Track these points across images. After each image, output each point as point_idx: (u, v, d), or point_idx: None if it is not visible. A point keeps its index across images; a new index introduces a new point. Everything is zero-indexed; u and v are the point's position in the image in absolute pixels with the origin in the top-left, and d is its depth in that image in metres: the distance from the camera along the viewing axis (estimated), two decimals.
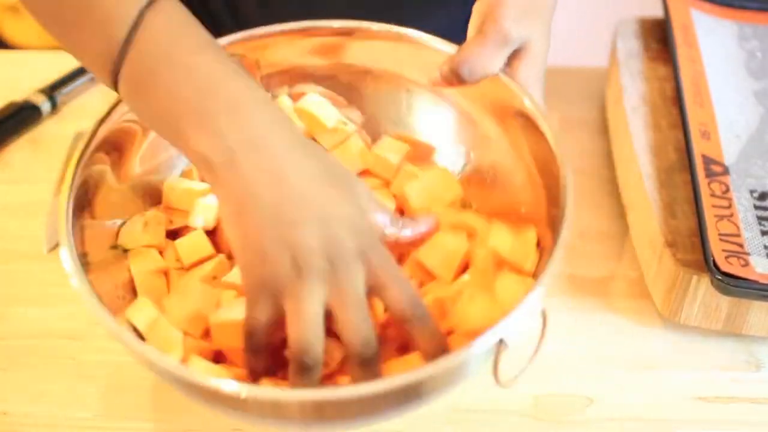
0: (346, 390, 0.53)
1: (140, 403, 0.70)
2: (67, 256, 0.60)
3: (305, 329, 0.55)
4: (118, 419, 0.69)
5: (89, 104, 0.95)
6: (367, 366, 0.57)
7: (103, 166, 0.68)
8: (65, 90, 0.94)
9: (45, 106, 0.92)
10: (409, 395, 0.55)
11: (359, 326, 0.56)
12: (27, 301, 0.76)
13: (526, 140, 0.69)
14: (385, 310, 0.61)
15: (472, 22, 0.70)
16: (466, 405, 0.70)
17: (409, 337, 0.59)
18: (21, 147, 0.90)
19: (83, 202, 0.65)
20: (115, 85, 0.60)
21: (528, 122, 0.67)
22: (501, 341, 0.55)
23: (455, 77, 0.67)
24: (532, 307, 0.57)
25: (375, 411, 0.56)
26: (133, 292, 0.67)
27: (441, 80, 0.68)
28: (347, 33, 0.75)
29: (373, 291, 0.57)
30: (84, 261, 0.62)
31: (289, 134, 0.58)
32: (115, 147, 0.69)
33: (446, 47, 0.71)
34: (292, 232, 0.55)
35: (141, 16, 0.58)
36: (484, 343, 0.55)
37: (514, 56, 0.67)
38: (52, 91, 0.93)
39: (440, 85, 0.69)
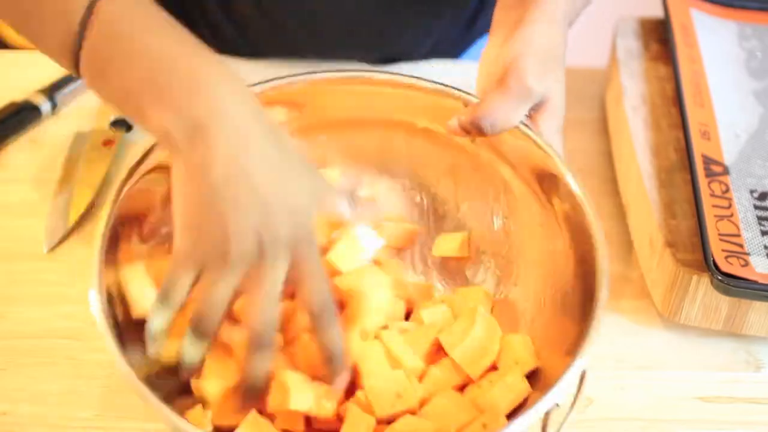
0: None
1: (140, 403, 0.69)
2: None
3: (208, 306, 0.58)
4: (118, 419, 0.69)
5: (89, 104, 0.95)
6: (260, 353, 0.59)
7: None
8: (65, 90, 0.94)
9: (45, 106, 0.92)
10: None
11: (264, 310, 0.58)
12: (27, 301, 0.76)
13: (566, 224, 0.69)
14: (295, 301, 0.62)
15: (484, 70, 0.70)
16: None
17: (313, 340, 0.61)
18: (21, 147, 0.90)
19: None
20: (77, 71, 0.60)
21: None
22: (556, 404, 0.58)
23: (475, 129, 0.68)
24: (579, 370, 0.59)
25: None
26: None
27: (458, 129, 0.69)
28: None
29: (292, 283, 0.59)
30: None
31: (249, 111, 0.58)
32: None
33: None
34: (229, 213, 0.56)
35: (94, 1, 0.59)
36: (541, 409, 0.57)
37: (533, 109, 0.69)
38: (52, 91, 0.93)
39: (456, 133, 0.69)
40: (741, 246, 0.72)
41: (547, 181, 0.70)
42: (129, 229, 0.67)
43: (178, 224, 0.59)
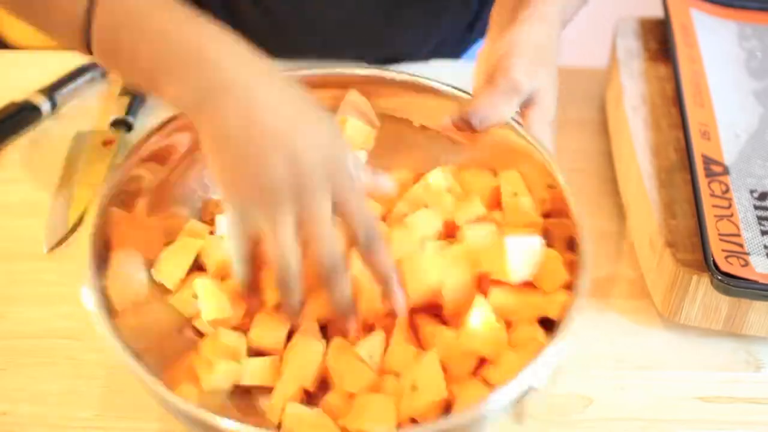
0: None
1: (140, 403, 0.69)
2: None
3: (281, 248, 0.61)
4: (118, 419, 0.69)
5: (89, 104, 0.95)
6: (339, 280, 0.62)
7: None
8: (65, 90, 0.94)
9: (45, 106, 0.92)
10: None
11: (324, 239, 0.61)
12: (27, 301, 0.76)
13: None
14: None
15: (479, 69, 0.71)
16: None
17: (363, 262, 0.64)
18: (21, 147, 0.90)
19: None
20: (89, 51, 0.63)
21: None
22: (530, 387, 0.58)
23: (466, 125, 0.69)
24: (560, 352, 0.60)
25: None
26: None
27: (451, 126, 0.70)
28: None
29: (337, 212, 0.62)
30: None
31: (256, 70, 0.62)
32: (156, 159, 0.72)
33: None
34: (262, 166, 0.59)
35: None
36: (513, 390, 0.58)
37: (524, 105, 0.70)
38: (52, 91, 0.93)
39: (450, 131, 0.71)
40: (741, 246, 0.72)
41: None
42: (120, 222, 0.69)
43: (221, 188, 0.62)
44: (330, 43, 1.00)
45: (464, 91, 0.73)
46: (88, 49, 0.63)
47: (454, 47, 1.05)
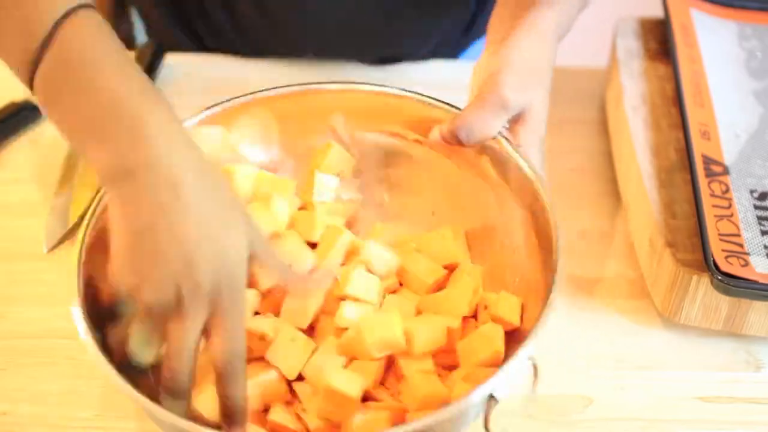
0: None
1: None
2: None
3: (132, 340, 0.59)
4: (118, 419, 0.69)
5: None
6: (176, 394, 0.59)
7: None
8: None
9: None
10: None
11: (177, 358, 0.58)
12: (27, 301, 0.76)
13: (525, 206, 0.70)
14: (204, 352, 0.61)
15: (473, 82, 0.71)
16: None
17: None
18: (21, 147, 0.90)
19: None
20: (32, 89, 0.60)
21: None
22: (491, 396, 0.57)
23: (453, 139, 0.69)
24: (521, 362, 0.59)
25: None
26: None
27: (440, 139, 0.70)
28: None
29: (208, 332, 0.58)
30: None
31: (185, 160, 0.58)
32: None
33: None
34: (150, 262, 0.56)
35: (55, 27, 0.58)
36: (475, 398, 0.57)
37: (514, 121, 0.70)
38: None
39: (437, 143, 0.71)
40: (741, 246, 0.72)
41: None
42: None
43: (111, 260, 0.59)
44: (330, 43, 1.00)
45: (454, 106, 0.73)
46: (30, 84, 0.60)
47: (452, 48, 1.06)
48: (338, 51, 0.99)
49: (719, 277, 0.69)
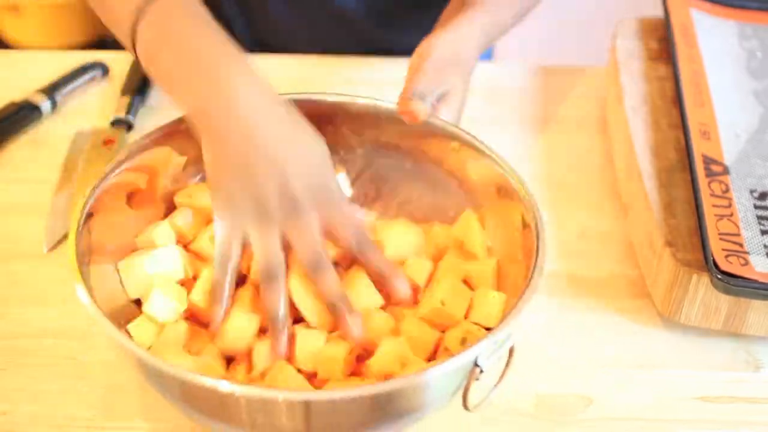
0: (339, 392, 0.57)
1: (140, 403, 0.70)
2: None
3: (268, 247, 0.66)
4: (118, 419, 0.69)
5: (89, 104, 0.95)
6: (322, 276, 0.66)
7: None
8: (65, 90, 0.94)
9: (45, 106, 0.92)
10: (379, 407, 0.59)
11: (309, 241, 0.66)
12: (27, 301, 0.76)
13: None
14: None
15: (411, 63, 0.78)
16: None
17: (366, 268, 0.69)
18: (21, 147, 0.90)
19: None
20: (135, 54, 0.70)
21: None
22: (477, 365, 0.59)
23: (408, 105, 0.74)
24: (511, 333, 0.60)
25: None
26: None
27: (400, 109, 0.75)
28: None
29: (326, 230, 0.67)
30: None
31: (261, 97, 0.67)
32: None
33: None
34: (254, 183, 0.65)
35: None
36: (462, 360, 0.59)
37: (437, 99, 0.76)
38: (52, 91, 0.93)
39: (403, 112, 0.75)
40: (741, 245, 0.72)
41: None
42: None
43: (213, 196, 0.67)
44: (329, 42, 1.00)
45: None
46: (134, 50, 0.70)
47: None
48: (338, 50, 0.99)
49: (719, 277, 0.69)
